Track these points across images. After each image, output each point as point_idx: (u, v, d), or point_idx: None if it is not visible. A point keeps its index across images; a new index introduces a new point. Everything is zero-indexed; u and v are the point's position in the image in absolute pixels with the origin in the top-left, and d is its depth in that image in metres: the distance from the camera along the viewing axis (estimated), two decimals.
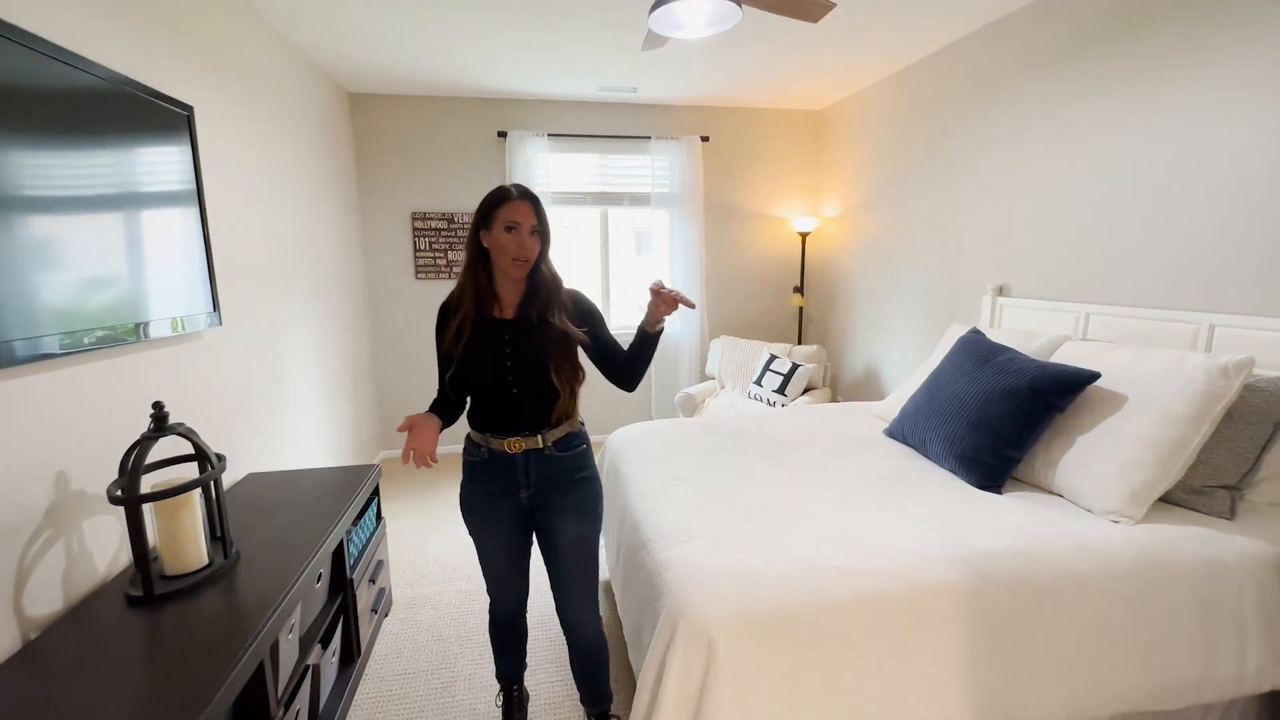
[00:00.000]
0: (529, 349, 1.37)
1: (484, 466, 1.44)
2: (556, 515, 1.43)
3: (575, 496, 1.44)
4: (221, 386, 2.02)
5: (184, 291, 1.78)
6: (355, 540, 1.96)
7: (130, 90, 1.56)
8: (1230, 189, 1.83)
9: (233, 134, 2.20)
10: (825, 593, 1.25)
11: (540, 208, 1.36)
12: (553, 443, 1.41)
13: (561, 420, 1.42)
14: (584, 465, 1.46)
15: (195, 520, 1.43)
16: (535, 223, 1.34)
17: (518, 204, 1.33)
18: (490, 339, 1.38)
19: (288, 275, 2.65)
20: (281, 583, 1.43)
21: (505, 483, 1.42)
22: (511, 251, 1.33)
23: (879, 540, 1.42)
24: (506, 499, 1.44)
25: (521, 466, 1.41)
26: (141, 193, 1.62)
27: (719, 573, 1.31)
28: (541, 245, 1.37)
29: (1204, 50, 1.88)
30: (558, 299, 1.40)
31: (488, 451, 1.42)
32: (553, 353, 1.37)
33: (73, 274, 1.38)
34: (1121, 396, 1.66)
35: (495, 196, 1.36)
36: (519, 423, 1.39)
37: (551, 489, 1.42)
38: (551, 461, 1.41)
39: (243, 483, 2.06)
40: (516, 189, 1.36)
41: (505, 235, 1.33)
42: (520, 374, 1.37)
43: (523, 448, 1.39)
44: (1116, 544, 1.40)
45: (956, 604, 1.28)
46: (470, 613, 2.26)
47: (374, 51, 3.01)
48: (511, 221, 1.32)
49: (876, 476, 1.82)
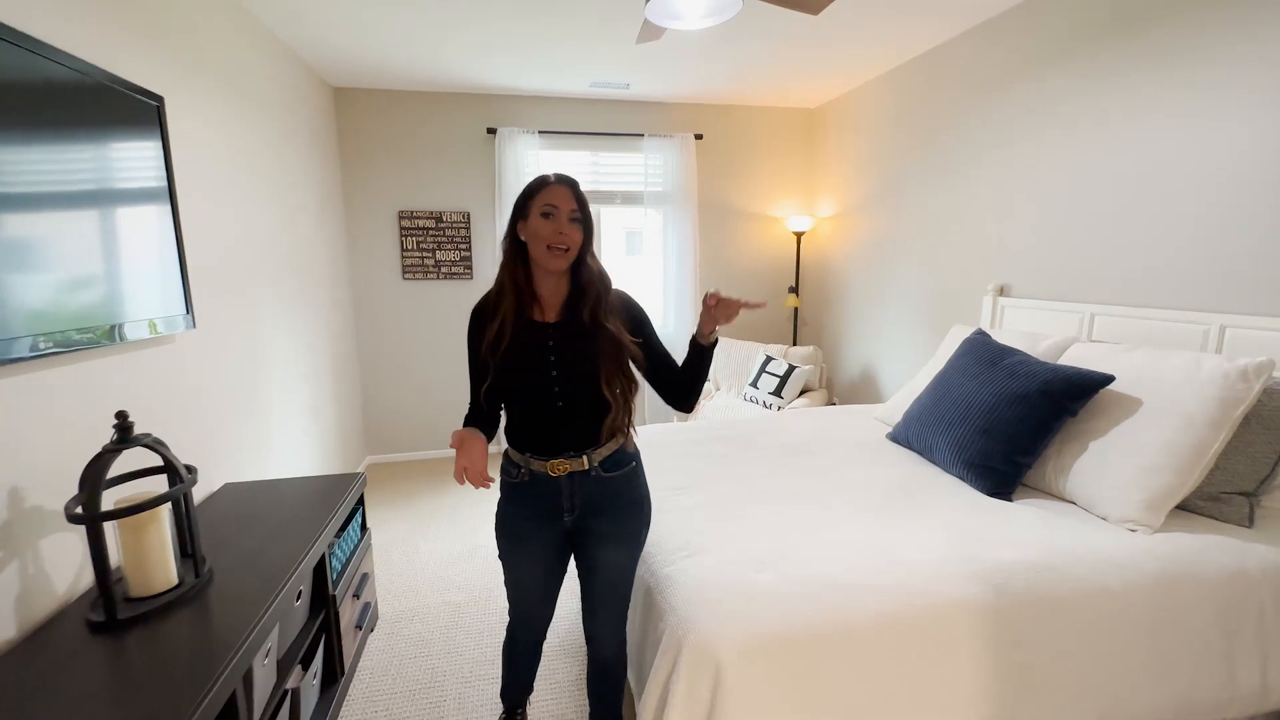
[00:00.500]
0: (576, 356, 1.23)
1: (523, 489, 1.29)
2: (599, 542, 1.30)
3: (622, 522, 1.30)
4: (195, 392, 1.92)
5: (154, 293, 1.67)
6: (338, 554, 1.86)
7: (92, 78, 1.45)
8: (1240, 185, 1.78)
9: (208, 128, 2.09)
10: (838, 612, 1.18)
11: (581, 193, 1.23)
12: (600, 463, 1.26)
13: (611, 436, 1.27)
14: (634, 487, 1.33)
15: (163, 538, 1.34)
16: (575, 208, 1.20)
17: (555, 188, 1.21)
18: (531, 345, 1.24)
19: (268, 275, 2.55)
20: (257, 603, 1.34)
21: (547, 507, 1.28)
22: (547, 237, 1.19)
23: (891, 554, 1.35)
24: (547, 524, 1.30)
25: (566, 491, 1.26)
26: (106, 188, 1.52)
27: (725, 591, 1.24)
28: (584, 235, 1.23)
29: (1209, 45, 1.84)
30: (607, 300, 1.25)
31: (528, 473, 1.28)
32: (604, 362, 1.22)
33: (30, 275, 1.28)
34: (1136, 400, 1.61)
35: (531, 185, 1.24)
36: (563, 440, 1.25)
37: (597, 514, 1.28)
38: (598, 484, 1.27)
39: (219, 494, 1.96)
40: (555, 175, 1.24)
41: (541, 221, 1.20)
42: (566, 384, 1.23)
43: (567, 470, 1.25)
44: (1138, 555, 1.34)
45: (974, 622, 1.21)
46: (459, 627, 2.17)
47: (359, 44, 2.91)
48: (548, 206, 1.20)
49: (884, 484, 1.76)
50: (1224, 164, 1.81)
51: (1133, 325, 2.04)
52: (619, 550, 1.31)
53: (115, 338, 1.51)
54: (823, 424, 2.41)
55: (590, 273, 1.26)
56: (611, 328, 1.23)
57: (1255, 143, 1.73)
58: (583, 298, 1.25)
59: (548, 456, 1.25)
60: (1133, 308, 2.06)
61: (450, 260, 3.87)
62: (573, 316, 1.25)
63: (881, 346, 3.59)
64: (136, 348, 1.64)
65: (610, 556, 1.30)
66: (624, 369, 1.25)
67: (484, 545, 2.78)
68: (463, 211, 3.84)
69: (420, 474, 3.76)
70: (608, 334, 1.22)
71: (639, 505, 1.34)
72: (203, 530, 1.68)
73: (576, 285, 1.27)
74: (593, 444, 1.26)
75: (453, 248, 3.86)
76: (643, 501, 1.35)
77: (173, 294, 1.75)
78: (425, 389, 3.99)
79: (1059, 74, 2.31)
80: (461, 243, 3.86)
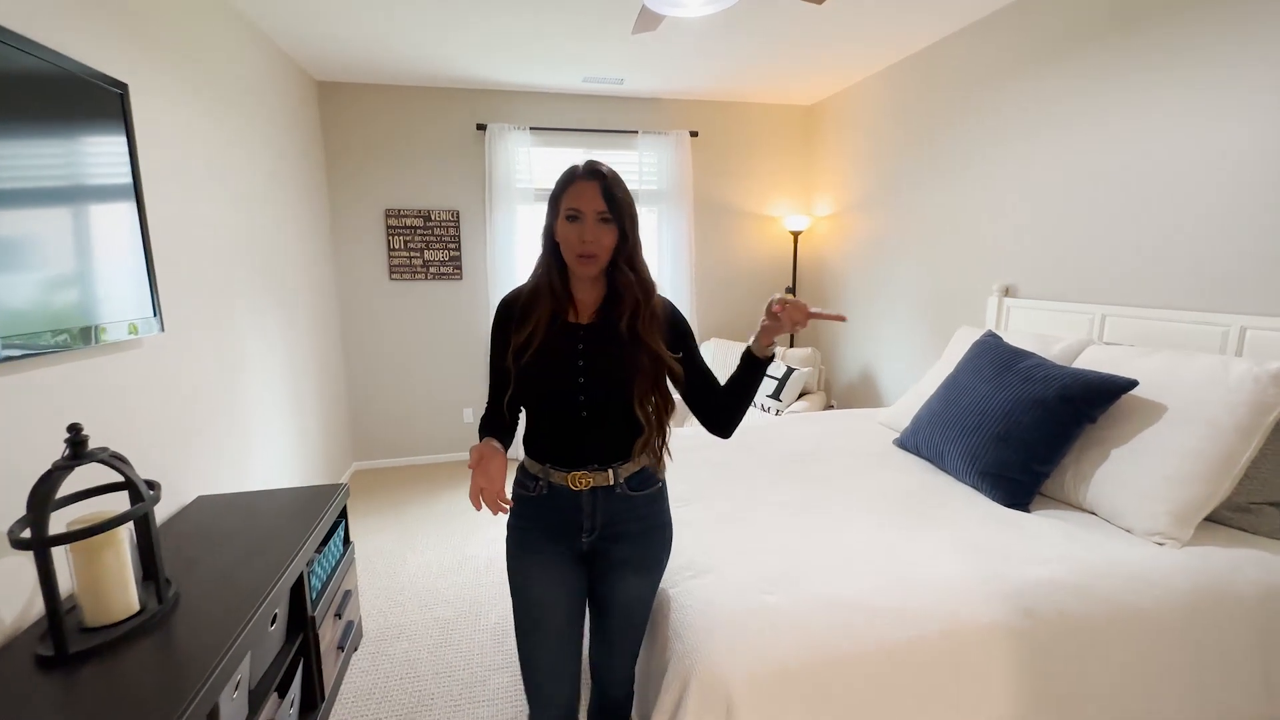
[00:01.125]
0: (608, 363, 1.11)
1: (540, 504, 1.17)
2: (617, 570, 1.18)
3: (643, 548, 1.18)
4: (165, 399, 1.80)
5: (117, 294, 1.56)
6: (318, 571, 1.75)
7: (43, 60, 1.34)
8: (1261, 183, 1.72)
9: (180, 120, 1.97)
10: (856, 637, 1.10)
11: (613, 187, 1.07)
12: (626, 479, 1.15)
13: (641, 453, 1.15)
14: (660, 510, 1.21)
15: (121, 561, 1.23)
16: (603, 208, 1.06)
17: (581, 185, 1.07)
18: (559, 348, 1.12)
19: (246, 275, 2.43)
20: (227, 630, 1.23)
21: (564, 523, 1.16)
22: (573, 245, 1.07)
23: (908, 572, 1.27)
24: (564, 542, 1.17)
25: (587, 507, 1.14)
26: (60, 182, 1.41)
27: (734, 616, 1.14)
28: (619, 236, 1.09)
29: (1212, 42, 1.78)
30: (648, 308, 1.12)
31: (546, 486, 1.16)
32: (638, 377, 1.10)
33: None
34: (1159, 406, 1.53)
35: (560, 180, 1.11)
36: (587, 452, 1.13)
37: (617, 537, 1.16)
38: (622, 502, 1.15)
39: (192, 507, 1.84)
40: (586, 167, 1.09)
41: (567, 226, 1.08)
42: (594, 392, 1.11)
43: (589, 484, 1.13)
44: (1170, 572, 1.27)
45: (1001, 646, 1.13)
46: (448, 644, 2.06)
47: (343, 36, 2.80)
48: (573, 209, 1.07)
49: (894, 494, 1.68)
50: (1241, 159, 1.75)
51: (1146, 327, 1.97)
52: (640, 580, 1.19)
53: (74, 342, 1.39)
54: (826, 429, 2.33)
55: (627, 278, 1.11)
56: (651, 343, 1.10)
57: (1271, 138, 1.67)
58: (618, 302, 1.12)
59: (569, 468, 1.14)
60: (1146, 309, 2.00)
61: (439, 260, 3.76)
62: (607, 320, 1.14)
63: (880, 348, 3.52)
64: (98, 353, 1.52)
65: (630, 587, 1.19)
66: (660, 388, 1.14)
67: (475, 556, 2.67)
68: (452, 210, 3.73)
69: (409, 480, 3.65)
70: (646, 348, 1.10)
71: (664, 530, 1.22)
72: (171, 548, 1.57)
73: (613, 289, 1.14)
74: (620, 458, 1.14)
75: (441, 247, 3.74)
76: (667, 527, 1.23)
77: (139, 295, 1.64)
78: (413, 393, 3.87)
79: (1066, 69, 2.25)
80: (450, 242, 3.75)
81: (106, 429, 1.53)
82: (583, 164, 1.11)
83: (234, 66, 2.41)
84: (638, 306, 1.11)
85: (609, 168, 1.10)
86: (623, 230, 1.09)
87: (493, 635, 2.10)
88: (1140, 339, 1.97)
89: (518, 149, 3.67)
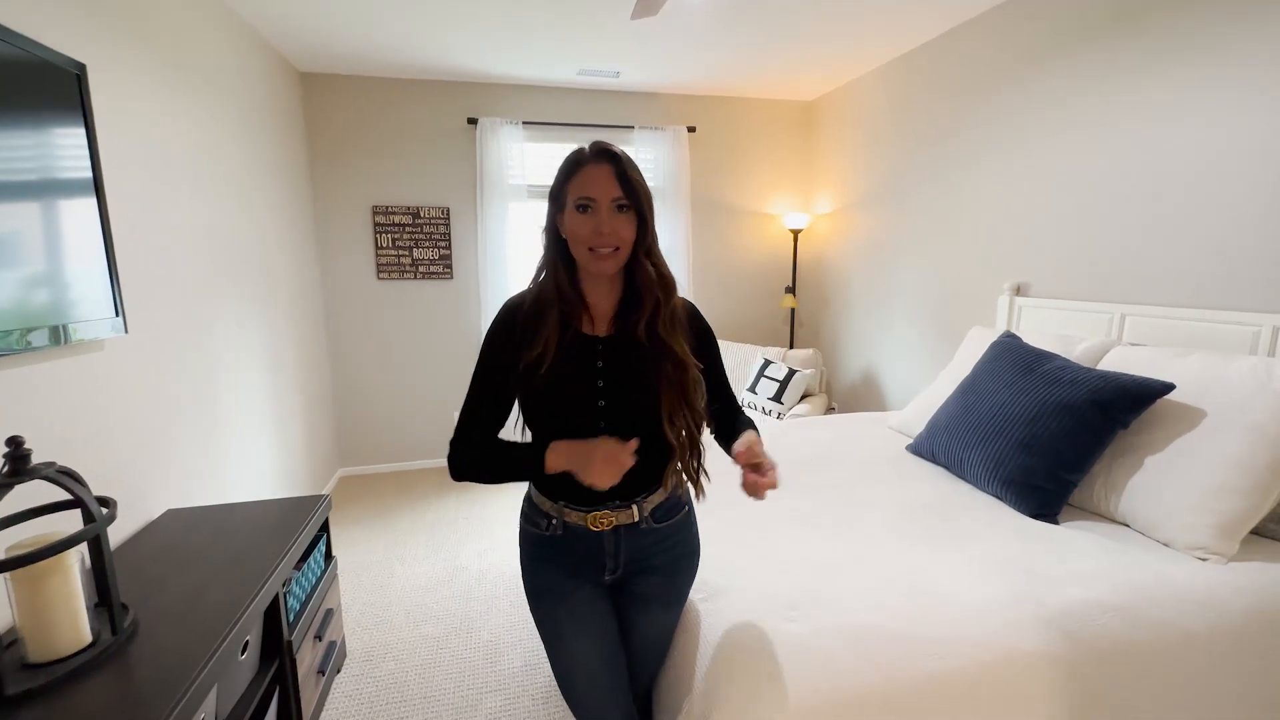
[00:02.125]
0: (630, 380, 0.97)
1: (554, 544, 1.04)
2: (643, 605, 1.08)
3: (670, 580, 1.08)
4: (129, 405, 1.67)
5: (74, 294, 1.43)
6: (296, 591, 1.63)
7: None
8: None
9: (149, 107, 1.84)
10: (889, 672, 0.99)
11: (628, 169, 0.94)
12: (651, 512, 1.02)
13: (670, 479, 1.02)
14: (688, 538, 1.10)
15: (70, 588, 1.10)
16: (619, 194, 0.93)
17: (591, 170, 0.94)
18: (574, 365, 0.98)
19: (224, 275, 2.30)
20: (189, 664, 1.11)
21: (585, 565, 1.04)
22: (586, 239, 0.93)
23: (938, 594, 1.16)
24: (586, 579, 1.06)
25: (609, 546, 1.02)
26: (8, 177, 1.28)
27: (753, 648, 1.03)
28: (638, 227, 0.96)
29: (1248, 26, 1.69)
30: (668, 307, 0.98)
31: (560, 526, 1.02)
32: (666, 391, 0.96)
33: None
34: (1196, 411, 1.44)
35: (565, 166, 0.97)
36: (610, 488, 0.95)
37: (641, 572, 1.05)
38: (648, 537, 1.03)
39: (160, 522, 1.71)
40: (592, 148, 0.96)
41: (578, 217, 0.94)
42: (617, 416, 0.97)
43: (612, 524, 1.00)
44: (1220, 591, 1.17)
45: (1044, 676, 1.03)
46: (437, 664, 1.94)
47: (327, 25, 2.67)
48: (584, 197, 0.93)
49: (914, 505, 1.58)
50: (1270, 151, 1.66)
51: (1169, 327, 1.88)
52: (665, 613, 1.09)
53: (19, 344, 1.26)
54: (836, 434, 2.23)
55: (646, 275, 0.98)
56: (674, 346, 0.96)
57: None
58: (638, 306, 0.98)
59: (588, 507, 1.00)
60: (1169, 307, 1.91)
61: (429, 259, 3.63)
62: (627, 330, 0.99)
63: (884, 348, 3.43)
64: (51, 356, 1.39)
65: (656, 622, 1.09)
66: (689, 400, 0.99)
67: (466, 567, 2.55)
68: (442, 207, 3.60)
69: (398, 487, 3.52)
70: (672, 355, 0.96)
71: (693, 557, 1.11)
72: (133, 569, 1.44)
73: (631, 289, 1.00)
74: (644, 490, 1.01)
75: (431, 245, 3.62)
76: (696, 554, 1.12)
77: (99, 294, 1.51)
78: (402, 396, 3.74)
79: (1081, 60, 2.16)
80: (440, 240, 3.62)
81: (62, 439, 1.40)
82: (589, 146, 0.97)
83: (210, 54, 2.27)
84: (658, 306, 0.97)
85: (619, 148, 0.97)
86: (642, 218, 0.96)
87: (485, 654, 1.99)
88: (1163, 339, 1.88)
89: (510, 144, 3.55)
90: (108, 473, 1.55)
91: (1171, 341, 1.85)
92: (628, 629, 1.11)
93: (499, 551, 2.68)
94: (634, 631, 1.10)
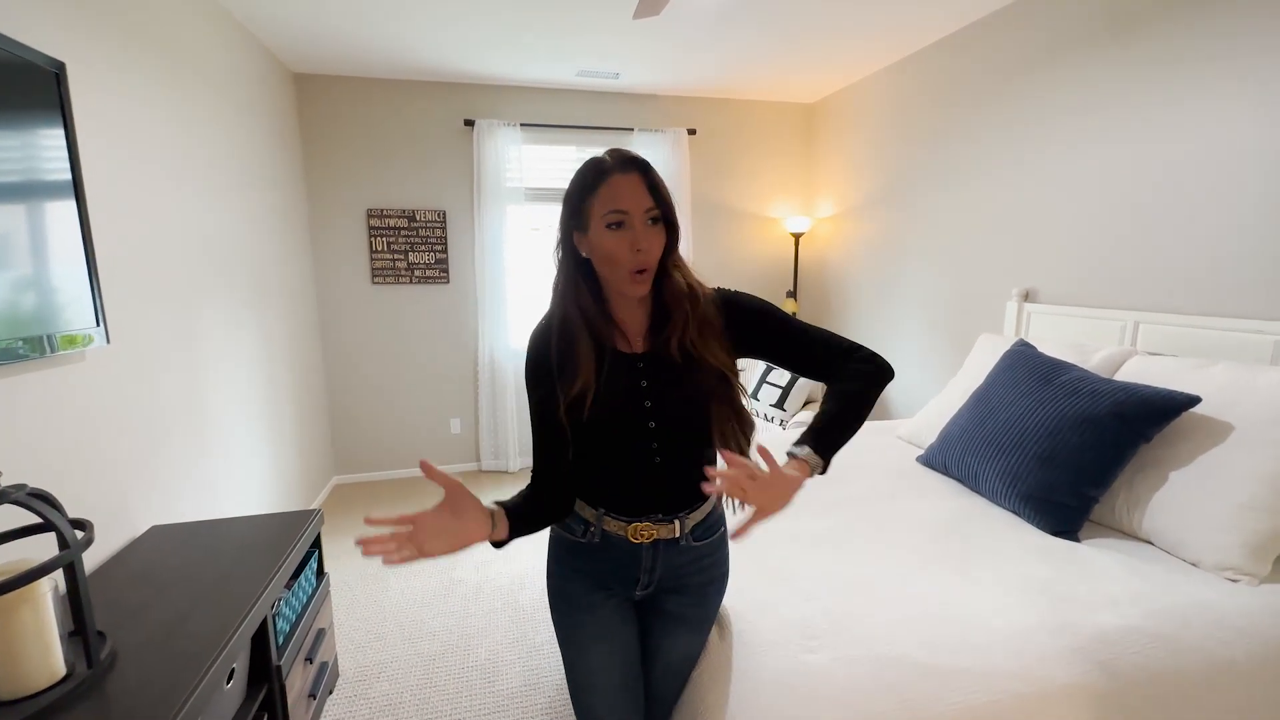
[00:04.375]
0: (678, 398, 0.93)
1: (591, 552, 1.00)
2: (672, 625, 1.03)
3: (700, 602, 1.04)
4: (111, 418, 1.60)
5: (51, 302, 1.36)
6: (286, 613, 1.56)
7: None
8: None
9: (134, 109, 1.77)
10: (916, 708, 0.93)
11: (656, 178, 0.89)
12: (691, 529, 0.98)
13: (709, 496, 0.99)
14: (721, 559, 1.06)
15: (42, 619, 1.03)
16: (651, 204, 0.87)
17: (620, 181, 0.86)
18: (622, 387, 0.92)
19: (215, 281, 2.23)
20: (171, 698, 1.04)
21: (618, 576, 1.00)
22: (626, 261, 0.86)
23: (964, 621, 1.11)
24: (616, 593, 1.02)
25: (646, 561, 0.98)
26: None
27: (770, 680, 0.97)
28: (667, 237, 0.91)
29: (1264, 27, 1.64)
30: (696, 316, 0.93)
31: (599, 534, 0.98)
32: (710, 402, 0.92)
33: None
34: (1223, 424, 1.39)
35: (585, 176, 0.89)
36: (653, 501, 0.96)
37: (674, 590, 1.01)
38: (685, 554, 0.99)
39: (144, 540, 1.64)
40: (614, 156, 0.89)
41: (609, 236, 0.86)
42: (667, 433, 0.93)
43: (653, 537, 0.96)
44: (1258, 615, 1.12)
45: (1082, 710, 0.97)
46: (433, 684, 1.87)
47: (321, 25, 2.60)
48: (616, 211, 0.86)
49: (931, 522, 1.52)
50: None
51: (1186, 335, 1.83)
52: (692, 637, 1.05)
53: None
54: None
55: (676, 288, 0.93)
56: (712, 359, 0.91)
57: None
58: (669, 323, 0.92)
59: (630, 518, 0.96)
60: (1185, 315, 1.86)
61: (424, 263, 3.56)
62: (664, 344, 0.93)
63: (887, 355, 3.30)
64: (27, 369, 1.32)
65: (681, 645, 1.04)
66: (735, 406, 0.94)
67: (463, 581, 2.48)
68: (438, 210, 3.54)
69: (393, 496, 3.44)
70: (710, 368, 0.91)
71: (724, 580, 1.07)
72: (113, 593, 1.37)
73: (659, 305, 0.95)
74: (687, 506, 0.97)
75: (427, 249, 3.55)
76: (726, 577, 1.08)
77: (78, 304, 1.44)
78: (398, 402, 3.66)
79: (1095, 59, 2.12)
80: (437, 244, 3.56)
81: (38, 455, 1.33)
82: (607, 154, 0.90)
83: (199, 53, 2.20)
84: (687, 320, 0.91)
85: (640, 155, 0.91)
86: (671, 229, 0.90)
87: (482, 673, 1.92)
88: (1178, 348, 1.83)
89: (508, 146, 3.49)
90: (87, 489, 1.48)
91: (1187, 350, 1.80)
92: (651, 652, 1.06)
93: (498, 563, 2.60)
94: (658, 655, 1.06)
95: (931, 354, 3.03)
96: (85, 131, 1.50)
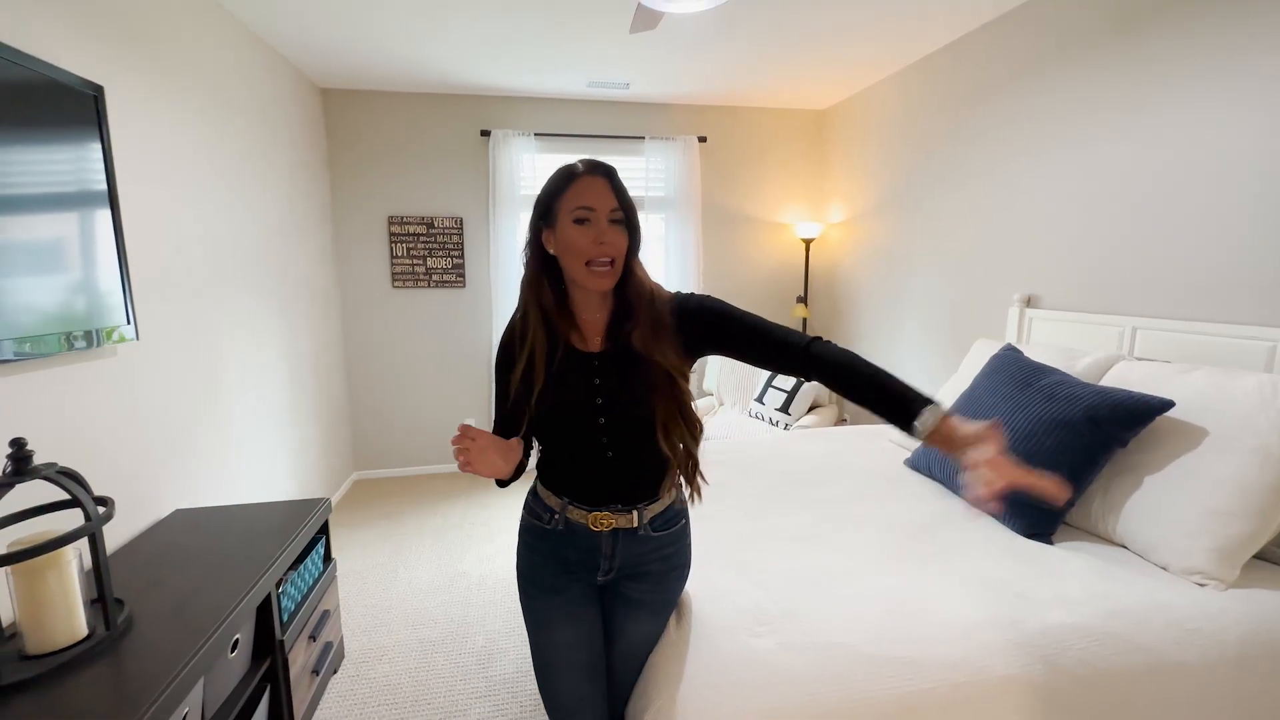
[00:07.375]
0: (627, 396, 0.99)
1: (556, 539, 1.07)
2: (632, 610, 1.09)
3: (661, 589, 1.10)
4: (141, 409, 1.74)
5: (87, 302, 1.51)
6: (291, 592, 1.67)
7: (9, 61, 1.29)
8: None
9: (169, 126, 1.93)
10: (851, 692, 0.97)
11: (621, 184, 0.97)
12: (650, 520, 1.05)
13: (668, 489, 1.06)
14: (681, 549, 1.12)
15: (66, 585, 1.15)
16: (615, 205, 0.95)
17: (587, 181, 0.95)
18: (573, 383, 0.99)
19: (243, 284, 2.39)
20: (175, 658, 1.15)
21: (581, 562, 1.07)
22: (587, 251, 0.94)
23: (919, 614, 1.14)
24: (580, 578, 1.09)
25: (606, 548, 1.04)
26: (27, 190, 1.36)
27: (717, 665, 1.03)
28: (630, 239, 0.98)
29: (1263, 32, 1.63)
30: (648, 317, 0.98)
31: (563, 521, 1.06)
32: (659, 402, 0.97)
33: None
34: (1198, 430, 1.39)
35: (556, 179, 0.98)
36: (610, 492, 1.03)
37: (634, 577, 1.08)
38: (644, 544, 1.06)
39: (168, 521, 1.78)
40: (584, 163, 0.98)
41: (575, 230, 0.94)
42: (618, 429, 1.00)
43: (612, 526, 1.03)
44: (1216, 618, 1.13)
45: (1019, 701, 1.00)
46: (430, 667, 1.97)
47: (346, 43, 2.76)
48: (583, 207, 0.94)
49: (905, 522, 1.55)
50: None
51: (1183, 341, 1.81)
52: (653, 620, 1.11)
53: (35, 351, 1.34)
54: (833, 448, 2.20)
55: (639, 288, 1.00)
56: (662, 360, 0.97)
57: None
58: (630, 321, 0.99)
59: (590, 507, 1.03)
60: (1183, 321, 1.84)
61: (442, 268, 3.70)
62: (620, 344, 1.00)
63: (896, 360, 3.37)
64: (63, 361, 1.46)
65: (642, 626, 1.11)
66: (683, 409, 1.00)
67: (467, 573, 2.58)
68: (455, 217, 3.68)
69: (409, 492, 3.58)
70: (659, 368, 0.97)
71: (684, 569, 1.13)
72: (136, 566, 1.51)
73: (622, 304, 1.01)
74: (645, 498, 1.04)
75: (444, 254, 3.69)
76: (687, 566, 1.14)
77: (111, 303, 1.58)
78: (416, 401, 3.81)
79: (1097, 65, 2.11)
80: (454, 249, 3.70)
81: (74, 441, 1.47)
82: (578, 161, 0.99)
83: (229, 72, 2.37)
84: (643, 317, 0.99)
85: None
86: (633, 232, 0.98)
87: (477, 659, 2.01)
88: (1176, 354, 1.81)
89: (522, 155, 3.61)
90: (118, 474, 1.63)
91: (1184, 356, 1.78)
92: (613, 634, 1.12)
93: (500, 557, 2.70)
94: (619, 637, 1.12)
95: (937, 357, 3.02)
96: (120, 147, 1.65)
